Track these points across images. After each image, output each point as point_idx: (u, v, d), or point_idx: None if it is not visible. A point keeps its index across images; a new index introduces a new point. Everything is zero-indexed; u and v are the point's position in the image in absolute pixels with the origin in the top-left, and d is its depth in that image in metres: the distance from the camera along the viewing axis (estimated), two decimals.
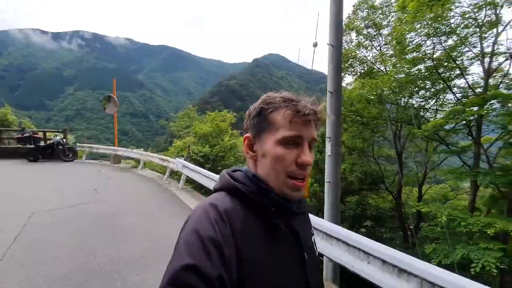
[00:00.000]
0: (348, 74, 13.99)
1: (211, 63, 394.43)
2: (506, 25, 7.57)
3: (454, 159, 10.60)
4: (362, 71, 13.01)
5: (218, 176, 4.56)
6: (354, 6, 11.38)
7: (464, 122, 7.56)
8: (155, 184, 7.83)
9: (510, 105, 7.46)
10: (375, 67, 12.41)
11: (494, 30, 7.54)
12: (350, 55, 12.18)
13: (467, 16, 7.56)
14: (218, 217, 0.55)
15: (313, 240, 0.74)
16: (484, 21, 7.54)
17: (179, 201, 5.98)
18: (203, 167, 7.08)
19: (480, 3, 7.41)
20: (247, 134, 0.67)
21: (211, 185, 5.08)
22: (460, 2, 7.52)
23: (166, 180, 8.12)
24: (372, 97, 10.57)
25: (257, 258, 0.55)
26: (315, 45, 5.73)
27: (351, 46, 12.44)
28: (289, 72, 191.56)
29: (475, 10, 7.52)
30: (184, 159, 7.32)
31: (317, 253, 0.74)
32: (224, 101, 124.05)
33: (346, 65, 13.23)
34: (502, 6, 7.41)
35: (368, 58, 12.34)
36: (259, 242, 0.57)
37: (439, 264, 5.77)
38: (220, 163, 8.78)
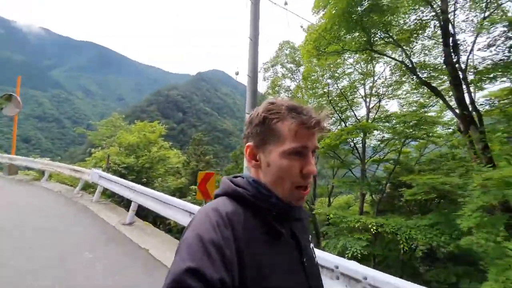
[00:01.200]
0: None
1: (151, 70, 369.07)
2: (379, 76, 10.45)
3: (357, 173, 13.19)
4: (286, 97, 15.17)
5: (143, 188, 4.69)
6: (280, 44, 13.48)
7: (351, 144, 9.85)
8: (64, 198, 7.00)
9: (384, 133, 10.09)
10: (297, 96, 14.59)
11: (371, 79, 10.33)
12: (276, 83, 14.05)
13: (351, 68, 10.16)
14: (219, 221, 0.55)
15: (311, 247, 0.74)
16: (364, 71, 10.25)
17: (90, 212, 5.62)
18: (126, 179, 6.83)
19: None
20: (249, 143, 0.66)
21: (134, 197, 5.03)
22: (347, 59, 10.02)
23: (78, 193, 7.37)
24: None
25: (259, 261, 0.55)
26: (237, 73, 6.72)
27: (277, 76, 14.40)
28: (233, 89, 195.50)
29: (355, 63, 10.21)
30: (103, 170, 6.90)
31: (316, 260, 0.73)
32: (163, 111, 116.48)
33: (274, 90, 15.11)
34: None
35: (291, 87, 14.48)
36: (260, 245, 0.57)
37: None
38: (146, 174, 8.52)
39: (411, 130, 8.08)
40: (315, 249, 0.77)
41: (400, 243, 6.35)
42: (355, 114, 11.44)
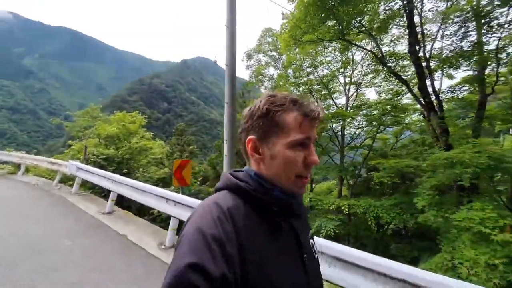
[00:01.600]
0: (261, 88, 16.04)
1: (133, 58, 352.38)
2: (357, 65, 10.75)
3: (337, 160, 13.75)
4: (270, 86, 15.21)
5: (122, 177, 4.79)
6: (262, 31, 13.40)
7: (330, 131, 10.28)
8: (42, 191, 6.94)
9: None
10: (279, 83, 14.75)
11: (350, 68, 10.64)
12: (260, 72, 14.08)
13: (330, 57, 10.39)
14: (221, 215, 0.55)
15: (311, 243, 0.74)
16: (343, 60, 10.53)
17: (69, 203, 5.67)
18: (106, 170, 6.84)
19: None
20: (251, 136, 0.65)
21: (113, 187, 5.12)
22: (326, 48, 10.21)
23: (56, 185, 7.31)
24: None
25: (260, 255, 0.55)
26: (215, 61, 6.77)
27: (261, 65, 14.40)
28: (218, 77, 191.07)
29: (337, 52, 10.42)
30: (80, 162, 6.86)
31: (316, 256, 0.74)
32: (147, 101, 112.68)
33: (257, 79, 15.14)
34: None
35: (274, 76, 14.58)
36: (262, 239, 0.57)
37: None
38: (127, 165, 8.51)
39: (383, 117, 8.53)
40: (315, 245, 0.76)
41: (369, 222, 6.89)
42: (335, 103, 11.80)
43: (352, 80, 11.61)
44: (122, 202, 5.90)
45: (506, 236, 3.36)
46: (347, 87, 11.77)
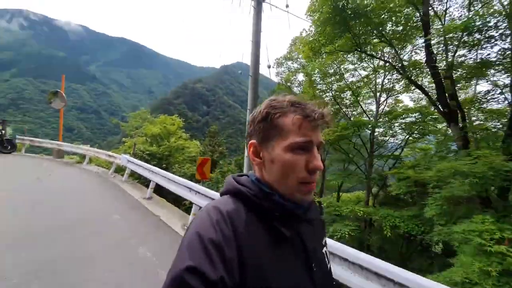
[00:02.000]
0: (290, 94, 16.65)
1: (178, 64, 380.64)
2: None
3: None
4: (299, 92, 15.63)
5: (158, 169, 5.98)
6: (292, 39, 13.97)
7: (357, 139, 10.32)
8: (100, 178, 8.59)
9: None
10: (306, 89, 15.04)
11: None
12: (289, 79, 14.63)
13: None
14: (220, 219, 0.55)
15: (324, 252, 0.71)
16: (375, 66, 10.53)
17: (120, 188, 7.05)
18: (149, 163, 8.19)
19: None
20: (252, 141, 0.65)
21: (152, 177, 6.29)
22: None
23: (112, 174, 8.94)
24: None
25: (260, 261, 0.55)
26: (269, 66, 7.67)
27: (290, 72, 14.93)
28: None
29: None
30: (130, 156, 8.33)
31: (329, 266, 0.71)
32: (189, 104, 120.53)
33: (286, 86, 15.69)
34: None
35: (303, 82, 14.95)
36: (262, 245, 0.57)
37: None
38: (166, 161, 9.92)
39: (410, 126, 8.36)
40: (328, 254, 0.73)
41: (384, 231, 6.94)
42: (363, 109, 11.72)
43: (384, 87, 11.43)
44: (161, 191, 7.08)
45: (501, 247, 3.39)
46: (378, 94, 11.61)
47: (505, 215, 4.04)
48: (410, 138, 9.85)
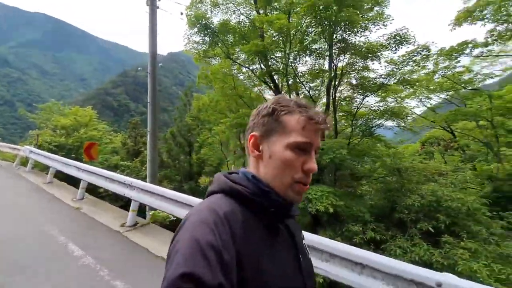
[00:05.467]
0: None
1: (117, 48, 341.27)
2: None
3: None
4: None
5: (57, 156, 6.95)
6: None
7: None
8: (4, 170, 8.78)
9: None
10: None
11: None
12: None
13: None
14: (217, 221, 0.54)
15: (304, 243, 0.74)
16: None
17: (23, 178, 7.63)
18: (56, 155, 8.72)
19: None
20: (254, 133, 0.66)
21: (51, 164, 7.07)
22: None
23: (16, 166, 9.15)
24: None
25: (258, 259, 0.55)
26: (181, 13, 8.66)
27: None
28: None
29: None
30: (33, 147, 8.73)
31: (309, 255, 0.74)
32: (132, 94, 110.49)
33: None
34: None
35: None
36: (259, 243, 0.58)
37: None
38: (77, 151, 10.39)
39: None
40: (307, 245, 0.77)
41: None
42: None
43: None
44: (60, 176, 7.84)
45: None
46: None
47: None
48: None
